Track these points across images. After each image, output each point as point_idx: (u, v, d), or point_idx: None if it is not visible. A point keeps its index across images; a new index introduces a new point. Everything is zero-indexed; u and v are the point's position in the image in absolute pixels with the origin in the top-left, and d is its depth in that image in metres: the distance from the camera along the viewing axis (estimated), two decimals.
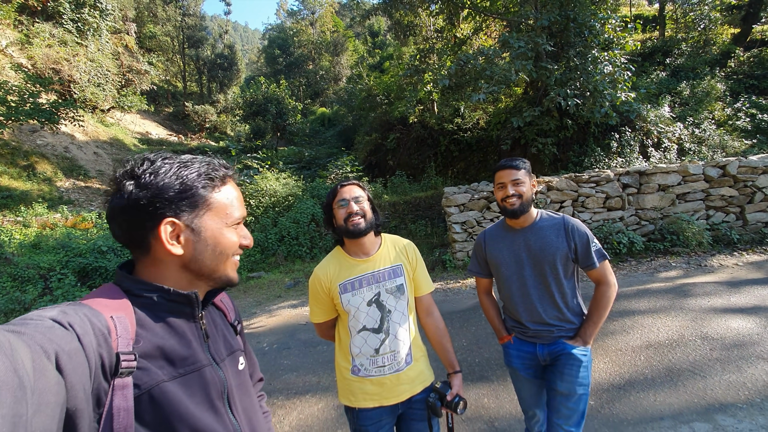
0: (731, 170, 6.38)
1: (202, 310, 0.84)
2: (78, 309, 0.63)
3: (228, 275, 0.85)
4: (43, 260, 6.68)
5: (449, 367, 1.66)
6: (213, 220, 0.80)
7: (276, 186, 10.55)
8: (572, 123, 9.21)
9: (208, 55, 29.64)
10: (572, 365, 1.71)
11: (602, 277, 1.74)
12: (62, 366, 0.53)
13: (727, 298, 4.25)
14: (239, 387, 0.89)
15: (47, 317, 0.58)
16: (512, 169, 1.74)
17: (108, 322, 0.66)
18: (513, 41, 7.72)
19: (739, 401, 2.59)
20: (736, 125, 10.61)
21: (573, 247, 1.72)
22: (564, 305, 1.74)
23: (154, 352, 0.72)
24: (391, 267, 1.60)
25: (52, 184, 13.08)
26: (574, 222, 1.75)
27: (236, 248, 0.85)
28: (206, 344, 0.83)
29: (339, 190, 1.59)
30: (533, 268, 1.75)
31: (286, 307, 5.99)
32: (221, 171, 0.84)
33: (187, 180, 0.78)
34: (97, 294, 0.72)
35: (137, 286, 0.76)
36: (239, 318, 1.04)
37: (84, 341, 0.59)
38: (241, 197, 0.88)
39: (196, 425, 0.73)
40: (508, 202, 1.73)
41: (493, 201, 6.96)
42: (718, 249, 6.16)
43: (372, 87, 16.92)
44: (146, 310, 0.75)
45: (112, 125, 19.69)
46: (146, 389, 0.68)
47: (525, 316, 1.79)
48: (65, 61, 15.96)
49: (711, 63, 12.82)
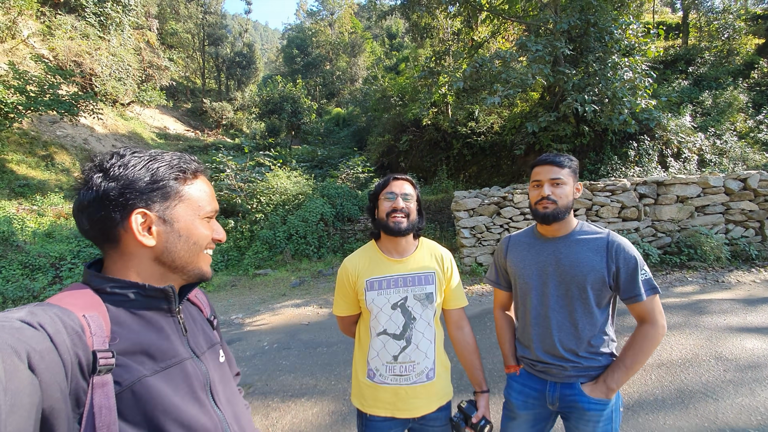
0: (752, 184, 6.14)
1: (179, 304, 0.84)
2: (47, 309, 0.62)
3: (201, 269, 0.85)
4: (55, 249, 6.80)
5: (477, 385, 1.55)
6: (185, 211, 0.80)
7: (287, 184, 10.58)
8: (589, 130, 9.02)
9: (228, 53, 30.07)
10: (589, 420, 1.44)
11: (649, 314, 1.40)
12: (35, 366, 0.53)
13: (743, 317, 4.07)
14: (221, 379, 0.89)
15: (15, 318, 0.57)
16: (554, 165, 1.46)
17: (81, 321, 0.64)
18: (531, 44, 7.59)
19: (751, 426, 2.45)
20: (758, 138, 10.26)
21: (614, 271, 1.41)
22: (587, 339, 1.44)
23: (133, 349, 0.71)
24: (424, 273, 1.51)
25: (70, 175, 13.38)
26: (621, 241, 1.43)
27: (208, 241, 0.86)
28: (185, 338, 0.83)
29: (390, 182, 1.51)
30: (558, 287, 1.47)
31: (289, 306, 5.98)
32: (192, 165, 0.84)
33: (158, 172, 0.78)
34: (65, 294, 0.71)
35: (109, 284, 0.74)
36: (215, 314, 1.05)
37: (56, 340, 0.58)
38: (212, 192, 0.89)
39: (181, 417, 0.73)
40: (541, 205, 1.46)
41: (504, 207, 6.84)
42: (736, 264, 5.93)
43: (387, 88, 16.89)
44: (120, 307, 0.74)
45: (132, 119, 20.09)
46: (128, 385, 0.67)
47: (536, 342, 1.51)
48: (87, 55, 16.31)
49: (734, 73, 12.44)
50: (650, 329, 1.39)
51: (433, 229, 9.33)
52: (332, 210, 9.91)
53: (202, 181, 0.87)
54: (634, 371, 1.39)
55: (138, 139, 18.48)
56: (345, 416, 2.97)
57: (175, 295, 0.81)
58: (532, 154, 10.70)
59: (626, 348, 1.42)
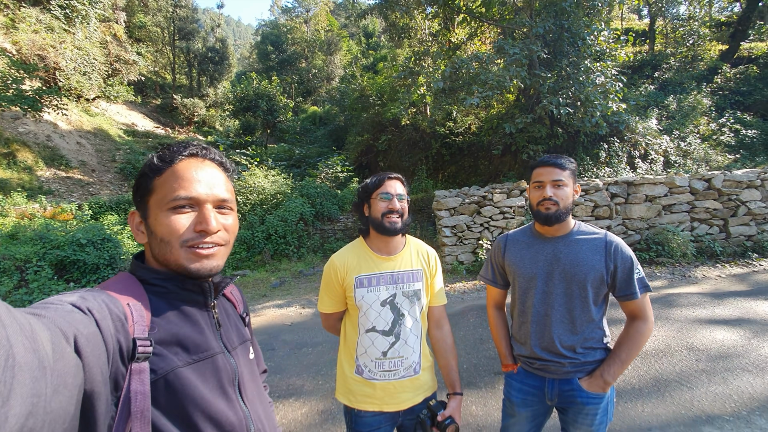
0: (716, 184, 6.51)
1: (214, 299, 0.86)
2: (97, 295, 0.66)
3: (181, 265, 0.78)
4: (20, 251, 6.40)
5: (450, 387, 1.57)
6: (155, 205, 0.79)
7: (264, 183, 10.38)
8: (562, 131, 9.30)
9: (199, 48, 29.14)
10: (587, 414, 1.49)
11: (641, 311, 1.46)
12: (81, 349, 0.55)
13: (711, 310, 4.30)
14: (249, 375, 0.91)
15: (67, 302, 0.60)
16: (555, 167, 1.47)
17: (125, 309, 0.68)
18: (508, 47, 7.76)
19: (726, 413, 2.60)
20: (720, 140, 10.88)
21: (612, 270, 1.45)
22: (584, 335, 1.49)
23: (169, 339, 0.74)
24: (412, 270, 1.55)
25: (33, 173, 12.64)
26: (618, 242, 1.48)
27: (180, 234, 0.77)
28: (218, 332, 0.85)
29: (385, 182, 1.51)
30: (559, 285, 1.50)
31: (271, 307, 5.86)
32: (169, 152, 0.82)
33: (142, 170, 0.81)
34: (113, 282, 0.75)
35: (151, 276, 0.79)
36: (247, 310, 1.06)
37: (102, 326, 0.61)
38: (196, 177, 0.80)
39: (208, 410, 0.75)
40: (543, 206, 1.47)
41: (484, 206, 6.96)
42: (702, 260, 6.26)
43: (365, 87, 16.86)
44: (160, 298, 0.77)
45: (97, 115, 19.15)
46: (162, 374, 0.70)
47: (535, 340, 1.53)
48: (51, 48, 15.44)
49: (698, 78, 13.14)
50: (642, 325, 1.46)
51: (414, 228, 9.39)
52: (312, 209, 9.79)
53: (179, 166, 0.80)
54: (628, 364, 1.46)
55: (104, 136, 17.66)
56: (335, 415, 2.95)
57: (211, 290, 0.83)
58: (509, 155, 10.94)
59: (621, 343, 1.48)
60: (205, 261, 0.80)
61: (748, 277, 5.45)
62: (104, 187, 14.12)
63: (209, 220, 0.79)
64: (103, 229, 7.46)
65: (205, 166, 0.83)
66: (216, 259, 0.82)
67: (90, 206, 10.55)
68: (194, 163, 0.82)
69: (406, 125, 13.39)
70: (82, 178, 13.90)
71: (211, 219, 0.80)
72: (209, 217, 0.79)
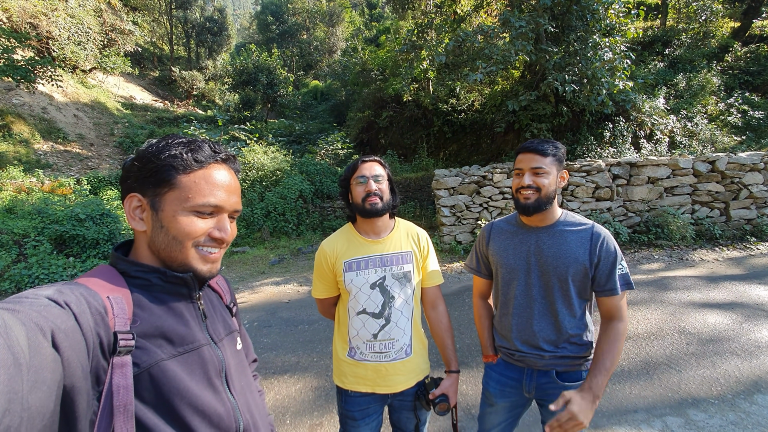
0: (720, 166, 6.41)
1: (199, 291, 0.85)
2: (74, 288, 0.64)
3: (189, 265, 0.79)
4: (18, 226, 6.42)
5: (446, 365, 1.59)
6: (173, 201, 0.77)
7: (264, 159, 10.30)
8: (567, 110, 9.12)
9: (197, 17, 28.33)
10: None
11: (618, 310, 1.38)
12: (58, 344, 0.54)
13: (705, 293, 4.32)
14: (237, 366, 0.90)
15: (43, 296, 0.59)
16: (536, 153, 1.38)
17: (105, 302, 0.67)
18: (514, 20, 7.49)
19: (712, 396, 2.64)
20: (728, 121, 10.65)
21: (595, 263, 1.38)
22: (566, 330, 1.44)
23: (153, 332, 0.73)
24: (401, 252, 1.55)
25: (29, 147, 12.55)
26: (604, 234, 1.40)
27: (196, 237, 0.78)
28: (204, 324, 0.85)
29: (359, 165, 1.52)
30: (540, 278, 1.45)
31: (269, 284, 5.92)
32: (201, 154, 0.80)
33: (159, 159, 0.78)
34: (92, 275, 0.74)
35: (133, 268, 0.77)
36: (234, 301, 1.05)
37: (81, 320, 0.60)
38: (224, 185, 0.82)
39: (195, 402, 0.74)
40: (521, 194, 1.40)
41: (484, 186, 6.91)
42: (701, 243, 6.25)
43: (367, 61, 16.44)
44: (143, 291, 0.76)
45: (94, 87, 18.83)
46: (145, 368, 0.69)
47: (515, 332, 1.50)
48: (43, 16, 15.03)
49: (709, 56, 12.75)
50: (620, 325, 1.38)
51: (413, 207, 9.37)
52: (311, 187, 9.75)
53: (211, 171, 0.80)
54: (612, 371, 1.36)
55: (102, 109, 17.42)
56: (328, 392, 3.01)
57: (195, 282, 0.82)
58: (512, 133, 10.78)
59: (602, 350, 1.37)
60: (212, 266, 0.83)
61: (745, 260, 5.45)
62: (103, 161, 14.04)
63: (227, 230, 0.82)
64: (102, 204, 7.46)
65: (230, 174, 0.85)
66: (218, 263, 0.85)
67: (89, 181, 10.52)
68: (224, 170, 0.84)
69: (407, 102, 13.13)
70: (80, 152, 13.80)
71: (228, 229, 0.83)
72: (227, 227, 0.82)
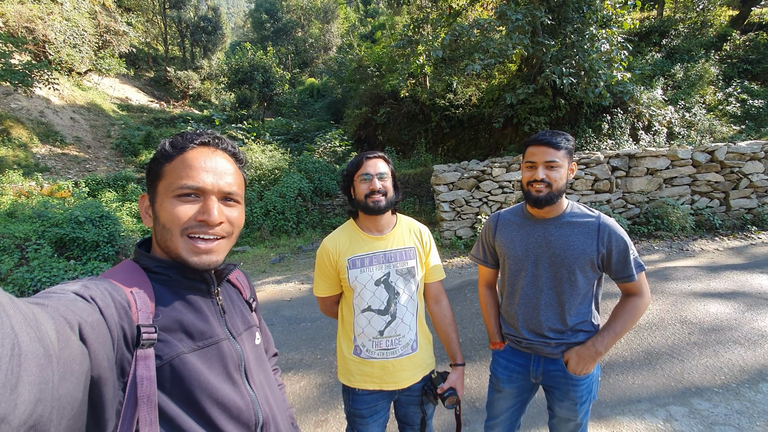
0: (719, 156, 6.41)
1: (217, 287, 0.87)
2: (99, 284, 0.66)
3: (179, 255, 0.78)
4: (19, 230, 6.41)
5: (451, 358, 1.60)
6: (162, 191, 0.79)
7: (262, 158, 10.27)
8: (565, 103, 9.09)
9: (191, 17, 28.13)
10: (572, 393, 1.50)
11: (638, 289, 1.45)
12: (85, 336, 0.56)
13: (707, 283, 4.33)
14: (256, 360, 0.92)
15: (70, 291, 0.61)
16: (549, 146, 1.38)
17: (128, 297, 0.69)
18: (510, 13, 7.45)
19: (715, 386, 2.65)
20: (726, 110, 10.63)
21: (604, 254, 1.41)
22: (573, 319, 1.47)
23: (174, 326, 0.75)
24: (404, 248, 1.54)
25: (28, 150, 12.50)
26: (611, 224, 1.42)
27: (181, 222, 0.77)
28: (223, 319, 0.86)
29: (364, 162, 1.50)
30: (548, 268, 1.46)
31: (270, 282, 5.92)
32: (182, 139, 0.82)
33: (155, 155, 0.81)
34: (116, 270, 0.76)
35: (154, 264, 0.80)
36: (254, 296, 1.07)
37: (106, 314, 0.62)
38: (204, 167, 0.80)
39: (215, 395, 0.76)
40: (533, 188, 1.40)
41: (483, 180, 6.90)
42: (701, 234, 6.26)
43: (363, 58, 16.35)
44: (164, 286, 0.78)
45: (90, 89, 18.73)
46: (167, 360, 0.72)
47: (521, 321, 1.53)
48: (39, 20, 14.91)
49: (707, 46, 12.69)
50: (639, 301, 1.45)
51: (412, 204, 9.36)
52: (310, 185, 9.73)
53: (189, 155, 0.80)
54: (621, 336, 1.45)
55: (98, 111, 17.34)
56: (332, 388, 3.02)
57: (213, 278, 0.85)
58: (510, 127, 10.75)
59: (616, 315, 1.46)
60: (204, 256, 0.79)
61: (746, 250, 5.46)
62: (101, 163, 13.99)
63: (211, 211, 0.79)
64: (101, 206, 7.44)
65: (216, 156, 0.83)
66: (216, 254, 0.81)
67: (87, 183, 10.49)
68: (205, 152, 0.82)
69: (405, 97, 13.07)
70: (78, 155, 13.76)
71: (214, 210, 0.79)
72: (212, 208, 0.79)
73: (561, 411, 1.56)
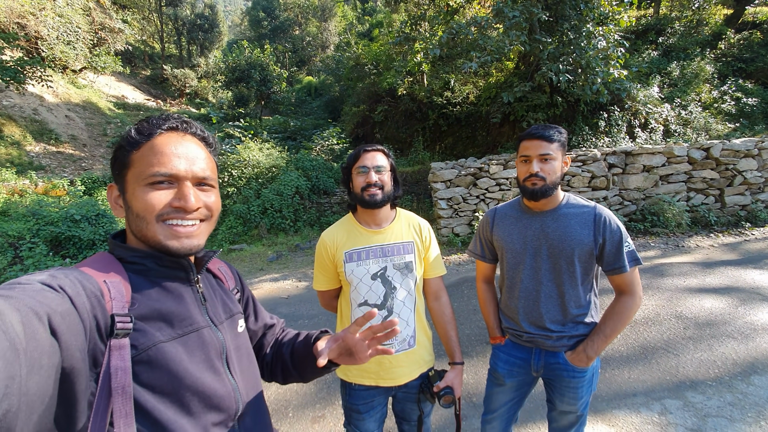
0: (714, 153, 6.45)
1: (197, 274, 0.85)
2: (68, 273, 0.64)
3: (159, 242, 0.76)
4: (13, 228, 6.37)
5: (450, 356, 1.58)
6: (132, 180, 0.77)
7: (259, 156, 10.25)
8: (562, 100, 9.11)
9: (188, 14, 27.99)
10: (572, 386, 1.51)
11: (629, 285, 1.44)
12: (55, 327, 0.54)
13: (701, 279, 4.36)
14: (238, 349, 0.90)
15: (36, 281, 0.59)
16: (542, 140, 1.40)
17: (101, 286, 0.67)
18: (507, 10, 7.45)
19: (709, 379, 2.68)
20: (721, 108, 10.69)
21: (600, 243, 1.42)
22: (573, 310, 1.48)
23: (152, 315, 0.73)
24: (402, 243, 1.53)
25: (21, 148, 12.42)
26: (607, 214, 1.44)
27: (156, 210, 0.75)
28: (204, 307, 0.84)
29: (362, 155, 1.49)
30: (547, 260, 1.48)
31: (267, 280, 5.92)
32: (148, 125, 0.79)
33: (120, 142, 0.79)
34: (89, 261, 0.74)
35: (129, 254, 0.78)
36: (243, 286, 1.05)
37: (76, 302, 0.60)
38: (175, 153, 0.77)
39: (195, 384, 0.74)
40: (529, 181, 1.43)
41: (481, 178, 6.91)
42: (696, 230, 6.30)
43: (360, 56, 16.32)
44: (141, 275, 0.76)
45: (85, 87, 18.62)
46: (144, 350, 0.69)
47: (523, 315, 1.53)
48: (31, 16, 14.78)
49: (702, 44, 12.74)
50: (629, 300, 1.44)
51: (410, 201, 9.37)
52: (307, 183, 9.72)
53: (158, 141, 0.77)
54: (612, 339, 1.45)
55: (94, 109, 17.25)
56: (330, 384, 3.03)
57: (191, 266, 0.83)
58: (507, 125, 10.77)
59: (606, 318, 1.46)
60: (186, 240, 0.77)
61: (740, 246, 5.50)
62: (96, 161, 13.92)
63: (188, 198, 0.77)
64: (97, 205, 7.41)
65: (185, 141, 0.80)
66: (196, 238, 0.80)
67: (83, 181, 10.43)
68: (174, 137, 0.79)
69: (402, 95, 13.06)
70: (73, 153, 13.68)
71: (190, 196, 0.77)
72: (188, 194, 0.77)
73: (561, 403, 1.57)
